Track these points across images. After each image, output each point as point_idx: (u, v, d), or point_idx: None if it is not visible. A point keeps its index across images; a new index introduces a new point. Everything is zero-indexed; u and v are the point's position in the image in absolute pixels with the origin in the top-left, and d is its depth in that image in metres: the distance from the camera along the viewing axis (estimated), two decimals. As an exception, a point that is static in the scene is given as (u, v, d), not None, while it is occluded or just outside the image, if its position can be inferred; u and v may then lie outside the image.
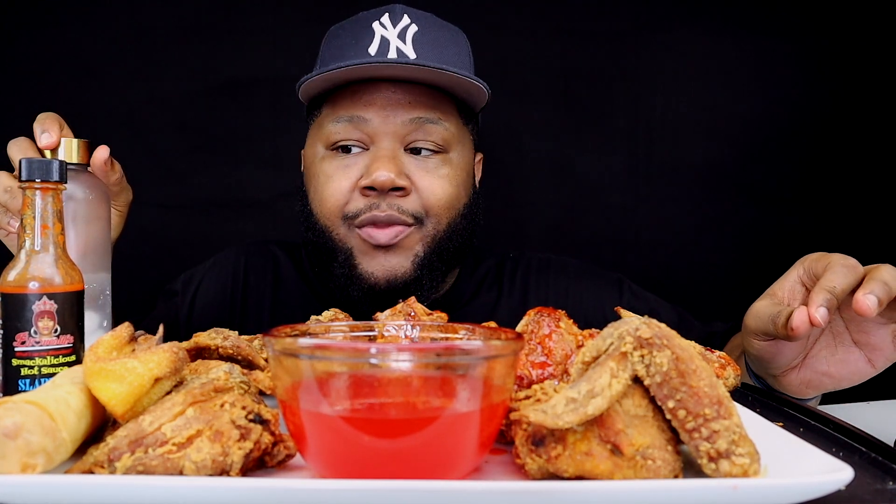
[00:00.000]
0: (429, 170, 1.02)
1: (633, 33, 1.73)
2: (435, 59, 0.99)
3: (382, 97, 0.99)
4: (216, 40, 1.67)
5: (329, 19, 1.67)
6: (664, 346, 0.49)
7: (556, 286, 1.22)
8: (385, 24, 0.99)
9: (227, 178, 1.69)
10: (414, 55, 0.98)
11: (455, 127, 1.06)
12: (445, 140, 1.03)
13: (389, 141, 1.00)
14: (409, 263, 1.02)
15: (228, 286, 1.21)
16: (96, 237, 0.83)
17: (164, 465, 0.47)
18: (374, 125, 1.00)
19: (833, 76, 1.74)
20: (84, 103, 1.61)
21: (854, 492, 0.48)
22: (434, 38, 1.01)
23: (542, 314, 0.67)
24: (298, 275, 1.22)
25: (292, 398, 0.49)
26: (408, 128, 1.01)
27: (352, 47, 1.00)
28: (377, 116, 1.00)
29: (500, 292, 1.21)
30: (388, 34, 0.98)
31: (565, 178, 1.74)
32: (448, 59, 1.01)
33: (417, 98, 1.00)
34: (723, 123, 1.74)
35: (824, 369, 0.82)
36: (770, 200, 1.73)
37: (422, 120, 1.01)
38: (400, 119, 1.00)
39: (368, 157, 1.01)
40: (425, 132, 1.01)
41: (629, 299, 1.22)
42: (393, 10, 1.02)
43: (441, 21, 1.06)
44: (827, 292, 0.73)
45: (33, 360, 0.65)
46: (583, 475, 0.47)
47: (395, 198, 1.00)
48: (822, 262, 0.78)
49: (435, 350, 0.55)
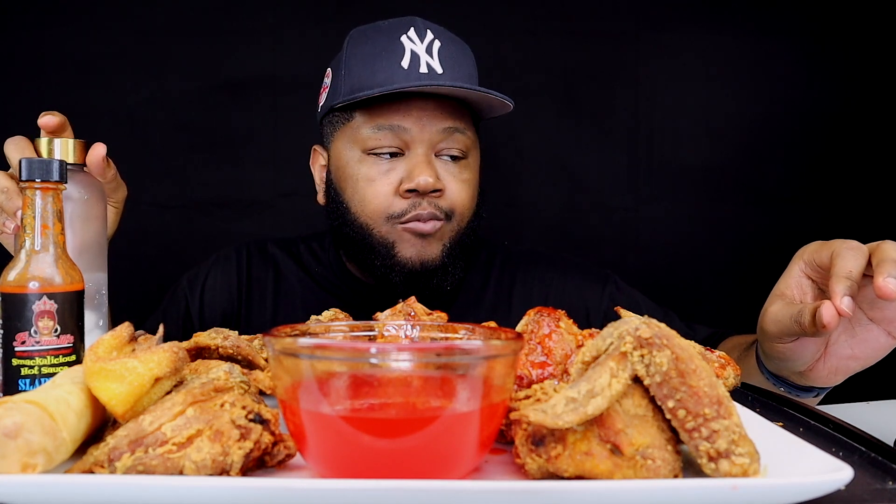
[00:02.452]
0: (455, 174, 1.13)
1: (633, 33, 1.73)
2: (456, 73, 1.09)
3: (417, 108, 1.09)
4: (216, 40, 1.67)
5: (329, 19, 1.67)
6: (664, 346, 0.49)
7: (542, 277, 1.29)
8: (413, 39, 1.08)
9: (227, 178, 1.69)
10: (441, 70, 1.08)
11: (473, 134, 1.16)
12: (467, 147, 1.14)
13: (424, 147, 1.10)
14: (438, 252, 1.13)
15: (234, 281, 1.27)
16: (92, 237, 0.83)
17: (164, 465, 0.47)
18: (412, 133, 1.09)
19: (833, 76, 1.74)
20: (84, 103, 1.61)
21: (854, 492, 0.48)
22: (453, 53, 1.11)
23: (542, 314, 0.67)
24: (298, 266, 1.29)
25: (292, 398, 0.49)
26: (440, 136, 1.10)
27: (383, 59, 1.08)
28: (415, 126, 1.09)
29: (488, 276, 1.29)
30: (417, 49, 1.07)
31: (565, 178, 1.75)
32: (465, 72, 1.12)
33: (447, 109, 1.10)
34: (723, 123, 1.74)
35: (848, 353, 0.82)
36: (770, 200, 1.74)
37: (451, 129, 1.11)
38: (435, 128, 1.09)
39: (406, 161, 1.10)
40: (453, 140, 1.11)
41: (612, 294, 1.26)
42: (416, 24, 1.10)
43: (453, 35, 1.15)
44: (846, 279, 0.73)
45: (33, 359, 0.65)
46: (583, 475, 0.47)
47: (433, 198, 1.10)
48: (825, 251, 0.78)
49: (435, 350, 0.55)
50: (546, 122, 1.73)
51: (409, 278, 1.12)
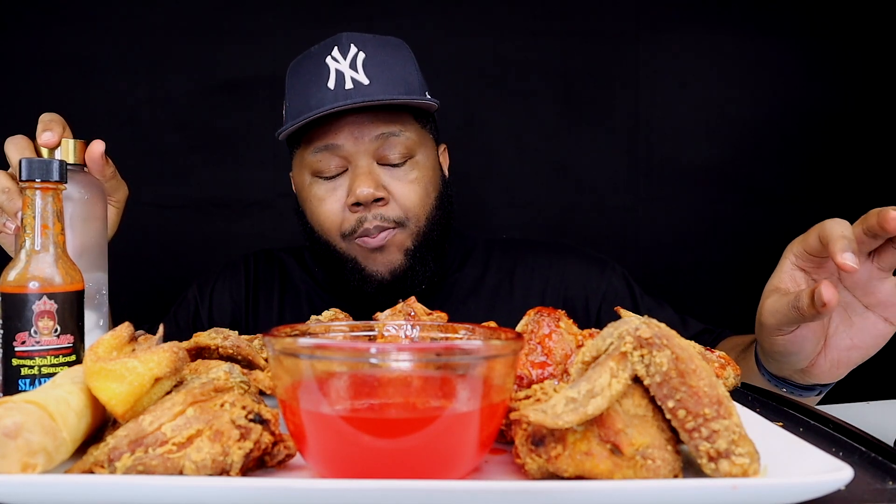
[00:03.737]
0: (400, 178, 1.15)
1: (633, 33, 1.73)
2: (386, 79, 1.12)
3: (349, 122, 1.12)
4: (216, 40, 1.67)
5: (328, 19, 1.67)
6: (664, 346, 0.49)
7: (541, 261, 1.31)
8: (336, 58, 1.11)
9: (227, 178, 1.69)
10: (367, 80, 1.10)
11: (415, 133, 1.17)
12: (409, 147, 1.15)
13: (363, 159, 1.13)
14: (402, 257, 1.16)
15: (241, 288, 1.32)
16: (92, 237, 0.84)
17: (164, 465, 0.47)
18: (348, 148, 1.12)
19: (834, 76, 1.74)
20: (84, 103, 1.61)
21: (854, 492, 0.48)
22: (381, 60, 1.13)
23: (542, 314, 0.67)
24: (305, 272, 1.34)
25: (292, 398, 0.49)
26: (375, 143, 1.13)
27: (313, 84, 1.12)
28: (347, 141, 1.12)
29: (487, 264, 1.31)
30: (340, 67, 1.11)
31: (565, 177, 1.75)
32: (397, 75, 1.13)
33: (378, 117, 1.13)
34: (722, 123, 1.74)
35: (847, 343, 0.83)
36: (770, 200, 1.74)
37: (385, 134, 1.13)
38: (367, 137, 1.12)
39: (349, 177, 1.14)
40: (391, 144, 1.13)
41: (611, 279, 1.28)
42: (340, 42, 1.13)
43: (384, 39, 1.17)
44: (841, 238, 0.73)
45: (33, 359, 0.65)
46: (583, 475, 0.47)
47: (378, 208, 1.13)
48: (811, 236, 0.79)
49: (435, 350, 0.55)
50: (546, 122, 1.73)
51: (382, 289, 1.16)
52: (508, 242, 1.36)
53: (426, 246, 1.18)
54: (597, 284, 1.27)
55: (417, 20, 1.67)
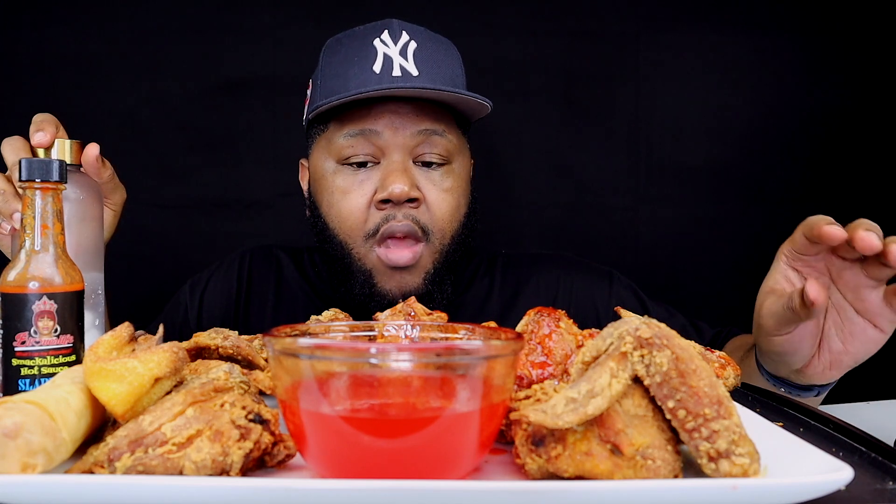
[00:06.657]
0: (435, 182, 1.06)
1: (633, 33, 1.73)
2: (435, 74, 1.03)
3: (390, 111, 1.03)
4: (216, 40, 1.67)
5: (328, 19, 1.67)
6: (664, 346, 0.49)
7: (547, 277, 1.25)
8: (386, 42, 1.03)
9: (227, 178, 1.69)
10: (416, 72, 1.02)
11: (456, 138, 1.10)
12: (449, 151, 1.07)
13: (400, 153, 1.04)
14: (420, 280, 1.08)
15: (233, 286, 1.26)
16: (89, 237, 0.83)
17: (164, 465, 0.47)
18: (385, 138, 1.03)
19: (835, 75, 1.74)
20: (84, 103, 1.61)
21: (854, 492, 0.48)
22: (432, 54, 1.05)
23: (542, 314, 0.67)
24: (300, 275, 1.27)
25: (292, 398, 0.49)
26: (416, 139, 1.04)
27: (355, 64, 1.03)
28: (387, 129, 1.03)
29: (491, 284, 1.25)
30: (390, 52, 1.02)
31: (565, 178, 1.74)
32: (445, 73, 1.05)
33: (423, 111, 1.04)
34: (723, 123, 1.74)
35: (839, 347, 0.83)
36: (771, 200, 1.73)
37: (428, 132, 1.05)
38: (409, 131, 1.04)
39: (381, 170, 1.04)
40: (431, 144, 1.05)
41: (618, 292, 1.25)
42: (391, 27, 1.05)
43: (434, 35, 1.10)
44: (823, 219, 0.77)
45: (33, 359, 0.65)
46: (583, 475, 0.46)
47: (409, 209, 1.04)
48: (797, 233, 0.81)
49: (435, 350, 0.55)
50: (546, 122, 1.73)
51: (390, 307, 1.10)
52: (511, 258, 1.29)
53: (447, 268, 1.10)
54: (606, 298, 1.23)
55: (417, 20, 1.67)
